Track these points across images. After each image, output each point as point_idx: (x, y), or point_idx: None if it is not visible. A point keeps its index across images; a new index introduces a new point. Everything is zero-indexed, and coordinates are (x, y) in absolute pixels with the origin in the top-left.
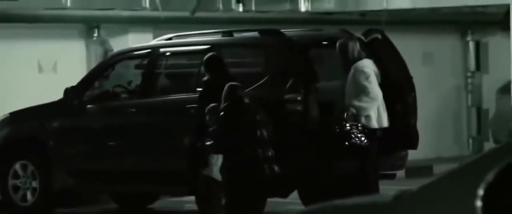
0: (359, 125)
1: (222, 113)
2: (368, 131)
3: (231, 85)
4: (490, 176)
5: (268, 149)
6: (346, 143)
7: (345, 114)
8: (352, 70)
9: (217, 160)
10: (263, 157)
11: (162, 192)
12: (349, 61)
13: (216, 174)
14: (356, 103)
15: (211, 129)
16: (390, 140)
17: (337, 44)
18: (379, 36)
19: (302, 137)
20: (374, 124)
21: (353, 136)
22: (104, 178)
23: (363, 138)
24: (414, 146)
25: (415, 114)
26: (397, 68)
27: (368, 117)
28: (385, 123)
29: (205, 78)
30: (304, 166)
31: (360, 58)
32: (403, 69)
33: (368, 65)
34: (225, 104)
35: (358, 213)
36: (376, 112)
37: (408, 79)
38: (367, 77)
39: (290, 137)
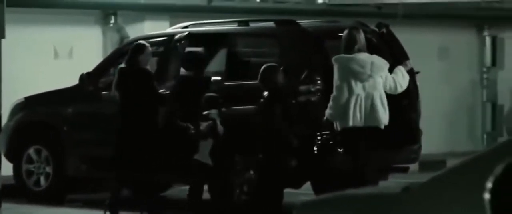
0: (334, 130)
1: (266, 97)
2: (347, 131)
3: (270, 67)
4: (498, 169)
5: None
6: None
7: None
8: (335, 64)
9: (206, 145)
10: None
11: (175, 180)
12: (345, 53)
13: (206, 158)
14: (327, 110)
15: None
16: (391, 134)
17: (343, 35)
18: (385, 29)
19: (316, 128)
20: (349, 124)
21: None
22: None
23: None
24: (414, 140)
25: (415, 108)
26: (400, 62)
27: (344, 119)
28: (383, 122)
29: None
30: (318, 157)
31: (351, 52)
32: (406, 63)
33: (343, 60)
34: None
35: (368, 202)
36: (355, 111)
37: (411, 73)
38: (337, 74)
39: (305, 127)
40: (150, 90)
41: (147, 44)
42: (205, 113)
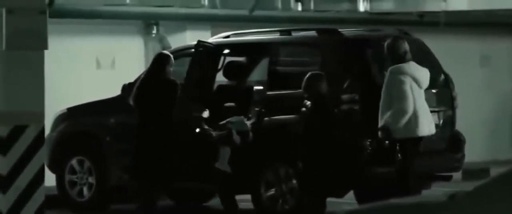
0: (388, 142)
1: (309, 106)
2: (400, 142)
3: (314, 75)
4: None
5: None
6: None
7: (379, 133)
8: (387, 74)
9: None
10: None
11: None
12: (394, 62)
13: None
14: (388, 120)
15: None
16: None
17: (385, 44)
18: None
19: (360, 137)
20: (419, 133)
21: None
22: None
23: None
24: (457, 149)
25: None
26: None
27: (395, 131)
28: (421, 133)
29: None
30: (360, 166)
31: (403, 61)
32: (439, 70)
33: (404, 70)
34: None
35: (414, 211)
36: (411, 120)
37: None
38: (399, 84)
39: (347, 136)
40: (175, 100)
41: (170, 54)
42: (222, 122)
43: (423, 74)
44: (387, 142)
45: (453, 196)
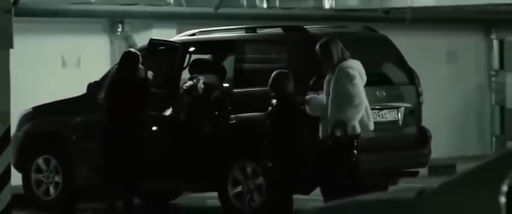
0: (343, 138)
1: (275, 104)
2: (352, 138)
3: (280, 73)
4: None
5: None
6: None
7: (329, 131)
8: (336, 72)
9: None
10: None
11: (185, 188)
12: (333, 62)
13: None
14: (340, 117)
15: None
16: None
17: (318, 45)
18: None
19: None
20: (358, 131)
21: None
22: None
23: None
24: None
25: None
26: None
27: (353, 127)
28: (371, 128)
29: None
30: (328, 163)
31: (344, 59)
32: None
33: (353, 66)
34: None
35: (382, 208)
36: (364, 116)
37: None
38: (351, 80)
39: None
40: (146, 96)
41: (137, 52)
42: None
43: (363, 71)
44: (344, 138)
45: (422, 192)
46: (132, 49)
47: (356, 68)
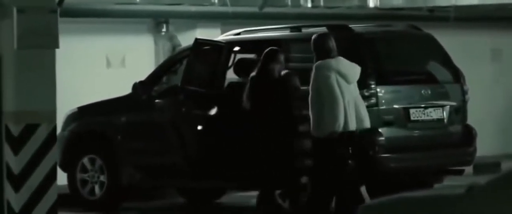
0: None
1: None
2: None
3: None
4: None
5: None
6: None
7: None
8: (313, 70)
9: None
10: None
11: (230, 187)
12: (320, 58)
13: None
14: (318, 115)
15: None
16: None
17: (311, 40)
18: None
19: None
20: (350, 128)
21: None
22: (171, 173)
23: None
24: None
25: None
26: None
27: (339, 125)
28: (367, 124)
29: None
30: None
31: (329, 57)
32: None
33: (330, 65)
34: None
35: (431, 204)
36: (339, 115)
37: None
38: (325, 80)
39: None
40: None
41: (279, 50)
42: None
43: (351, 69)
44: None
45: (471, 188)
46: (274, 48)
47: (334, 67)
